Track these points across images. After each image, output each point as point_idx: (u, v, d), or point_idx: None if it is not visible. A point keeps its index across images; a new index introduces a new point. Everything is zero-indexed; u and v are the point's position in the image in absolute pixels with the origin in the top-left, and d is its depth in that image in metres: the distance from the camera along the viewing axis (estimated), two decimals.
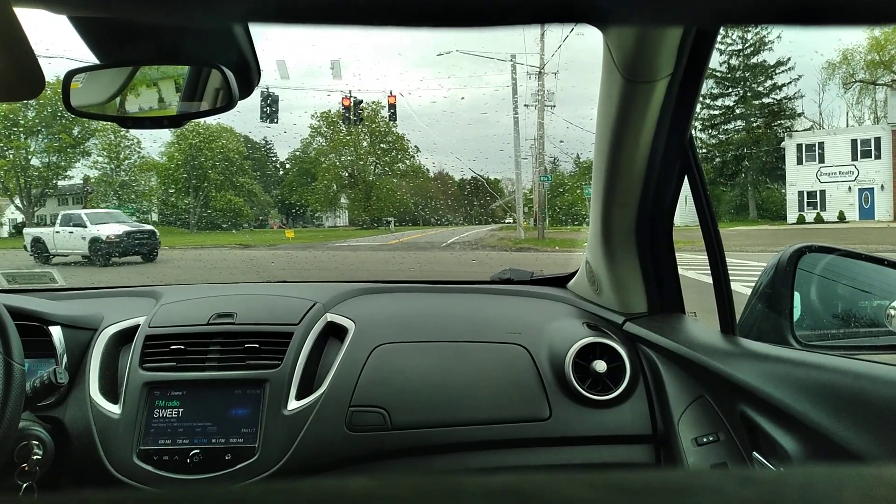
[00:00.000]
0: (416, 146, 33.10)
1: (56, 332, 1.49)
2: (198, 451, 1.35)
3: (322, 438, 1.39)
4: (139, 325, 1.55)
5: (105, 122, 1.14)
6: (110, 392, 1.45)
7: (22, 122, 24.48)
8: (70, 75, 0.89)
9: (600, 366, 1.45)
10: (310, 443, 1.38)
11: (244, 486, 0.25)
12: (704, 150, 33.56)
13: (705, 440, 1.26)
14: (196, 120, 1.00)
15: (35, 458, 1.29)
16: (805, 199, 29.15)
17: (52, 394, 1.34)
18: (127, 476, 1.34)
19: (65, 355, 1.47)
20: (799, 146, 29.76)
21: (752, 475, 0.40)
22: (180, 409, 1.40)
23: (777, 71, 33.54)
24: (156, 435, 1.37)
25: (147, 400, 1.41)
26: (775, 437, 1.04)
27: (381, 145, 32.86)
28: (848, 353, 1.05)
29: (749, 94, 33.77)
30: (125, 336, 1.55)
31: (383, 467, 1.42)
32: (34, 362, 1.44)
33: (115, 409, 1.41)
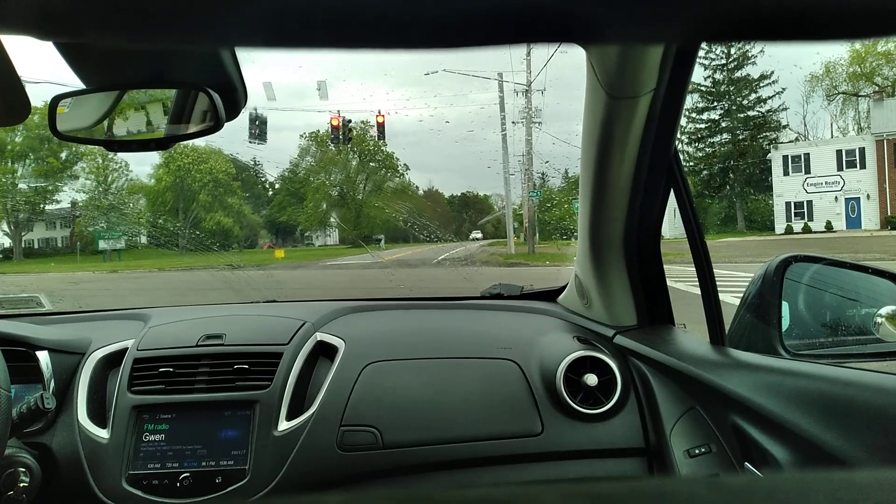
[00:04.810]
0: (405, 164, 33.29)
1: (43, 356, 1.47)
2: (188, 474, 1.33)
3: (313, 459, 1.38)
4: (127, 348, 1.54)
5: (92, 146, 1.13)
6: (98, 416, 1.44)
7: (9, 146, 24.40)
8: (56, 100, 0.89)
9: (591, 379, 1.45)
10: (301, 463, 1.36)
11: None
12: (691, 164, 33.90)
13: (697, 451, 1.26)
14: (184, 142, 1.00)
15: (22, 485, 1.28)
16: (792, 210, 29.46)
17: (39, 419, 1.32)
18: (116, 502, 1.32)
19: (52, 380, 1.46)
20: (785, 158, 30.12)
21: (722, 482, 0.40)
22: (170, 433, 1.38)
23: (761, 84, 34.05)
24: (145, 459, 1.36)
25: (136, 424, 1.39)
26: (767, 447, 1.04)
27: (371, 164, 32.98)
28: (837, 362, 1.06)
29: (734, 107, 34.21)
30: (113, 359, 1.54)
31: (376, 487, 1.41)
32: (21, 388, 1.42)
33: (103, 434, 1.39)
